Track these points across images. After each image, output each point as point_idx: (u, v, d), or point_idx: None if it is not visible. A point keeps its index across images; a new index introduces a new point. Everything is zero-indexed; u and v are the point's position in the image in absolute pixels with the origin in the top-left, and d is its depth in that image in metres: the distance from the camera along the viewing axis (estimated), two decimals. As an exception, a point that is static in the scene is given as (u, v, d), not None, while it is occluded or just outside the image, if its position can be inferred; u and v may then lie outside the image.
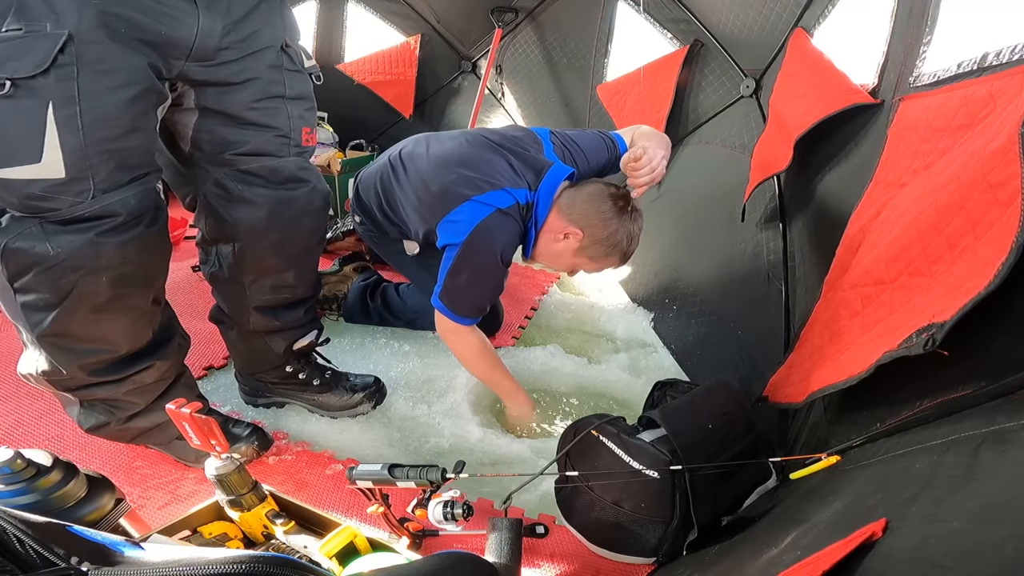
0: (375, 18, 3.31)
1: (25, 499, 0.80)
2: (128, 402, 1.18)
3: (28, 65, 0.85)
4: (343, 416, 1.52)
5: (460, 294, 1.52)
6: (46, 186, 0.92)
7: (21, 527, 0.45)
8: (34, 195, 0.93)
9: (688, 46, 2.17)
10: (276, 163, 1.19)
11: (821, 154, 1.49)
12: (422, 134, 1.75)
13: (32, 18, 0.85)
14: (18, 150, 0.90)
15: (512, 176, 1.52)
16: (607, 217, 1.50)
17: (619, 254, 1.55)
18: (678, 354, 1.92)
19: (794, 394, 1.14)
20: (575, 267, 1.63)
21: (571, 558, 1.16)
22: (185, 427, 0.95)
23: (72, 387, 1.14)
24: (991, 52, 0.99)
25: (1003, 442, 0.59)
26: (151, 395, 1.20)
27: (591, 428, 1.13)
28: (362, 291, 1.97)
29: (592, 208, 1.51)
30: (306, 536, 1.02)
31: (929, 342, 0.75)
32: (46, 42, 0.86)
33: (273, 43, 1.13)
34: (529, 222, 1.55)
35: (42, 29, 0.85)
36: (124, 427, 1.21)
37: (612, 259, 1.57)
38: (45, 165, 0.91)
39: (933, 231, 0.89)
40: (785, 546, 0.74)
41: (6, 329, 1.70)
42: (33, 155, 0.90)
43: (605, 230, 1.50)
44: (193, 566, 0.46)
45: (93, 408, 1.19)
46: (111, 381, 1.14)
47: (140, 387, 1.17)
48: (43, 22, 0.86)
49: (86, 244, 0.98)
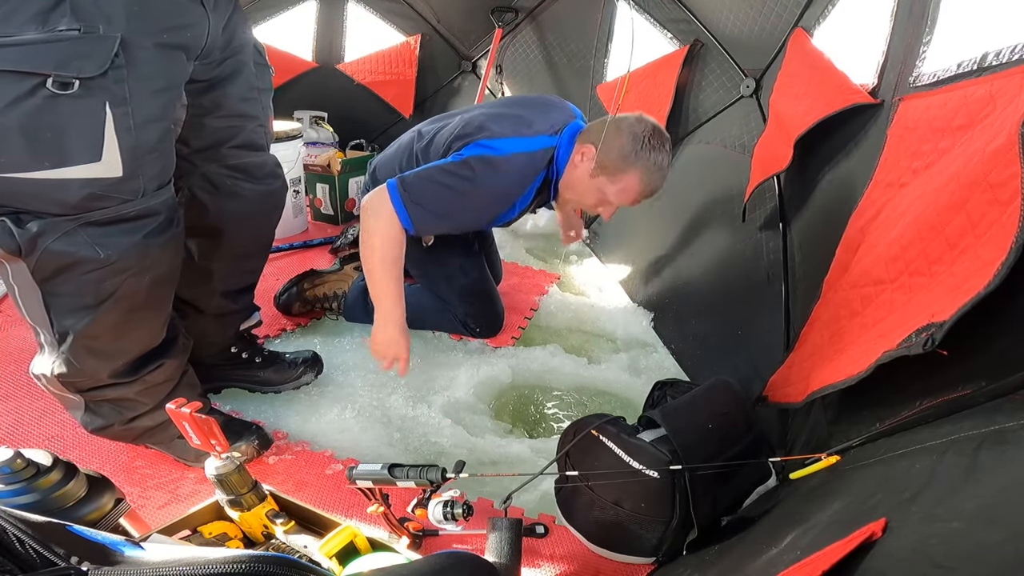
0: (375, 18, 3.31)
1: (25, 499, 0.80)
2: (137, 402, 1.19)
3: (93, 65, 0.86)
4: (287, 389, 1.57)
5: (429, 188, 1.40)
6: (104, 185, 0.93)
7: (21, 527, 0.45)
8: (93, 195, 0.93)
9: (688, 46, 2.17)
10: (261, 158, 1.29)
11: (821, 154, 1.49)
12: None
13: (87, 19, 0.86)
14: (79, 149, 0.90)
15: (543, 121, 1.49)
16: (619, 127, 1.41)
17: (640, 169, 1.42)
18: (678, 354, 1.92)
19: (794, 394, 1.14)
20: (600, 197, 1.50)
21: (571, 558, 1.16)
22: (185, 427, 0.95)
23: (85, 388, 1.14)
24: (991, 52, 0.99)
25: (1003, 442, 0.59)
26: (159, 395, 1.21)
27: (591, 428, 1.13)
28: (364, 289, 1.96)
29: (603, 124, 1.44)
30: (306, 536, 1.02)
31: (928, 342, 0.75)
32: (104, 44, 0.87)
33: (250, 39, 1.21)
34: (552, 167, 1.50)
35: (96, 31, 0.86)
36: (128, 427, 1.22)
37: (633, 176, 1.43)
38: (105, 164, 0.92)
39: (933, 231, 0.89)
40: (785, 546, 0.74)
41: (6, 329, 1.70)
42: (94, 154, 0.90)
43: (617, 140, 1.41)
44: (193, 566, 0.46)
45: (99, 409, 1.19)
46: (126, 382, 1.15)
47: (150, 387, 1.18)
48: (96, 24, 0.86)
49: (135, 246, 1.00)
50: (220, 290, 1.37)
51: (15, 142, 0.86)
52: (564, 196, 1.58)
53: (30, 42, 0.82)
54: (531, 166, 1.46)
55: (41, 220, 0.94)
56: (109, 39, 0.87)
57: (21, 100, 0.84)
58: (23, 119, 0.85)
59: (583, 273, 2.61)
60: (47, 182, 0.90)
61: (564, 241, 2.14)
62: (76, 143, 0.89)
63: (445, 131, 1.58)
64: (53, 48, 0.83)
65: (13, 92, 0.83)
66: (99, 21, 0.86)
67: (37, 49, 0.83)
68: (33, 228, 0.93)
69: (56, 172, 0.89)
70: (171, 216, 1.06)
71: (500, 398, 1.72)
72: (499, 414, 1.66)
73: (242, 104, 1.20)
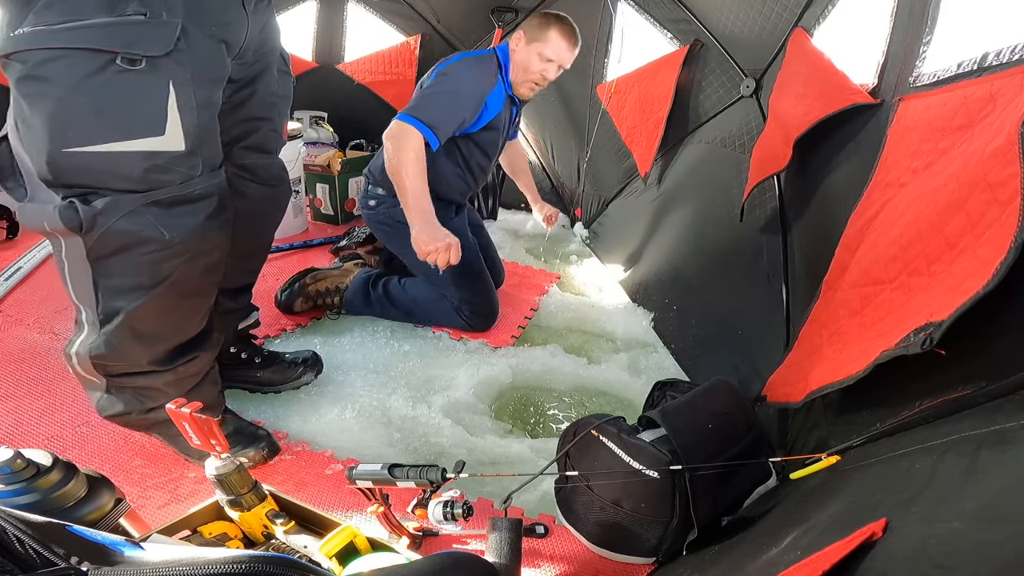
0: (375, 18, 3.31)
1: (25, 499, 0.80)
2: (162, 393, 1.19)
3: (158, 46, 0.92)
4: (287, 389, 1.58)
5: (435, 98, 1.78)
6: (168, 158, 0.97)
7: (21, 527, 0.45)
8: (157, 166, 0.97)
9: (688, 46, 2.17)
10: (268, 160, 1.31)
11: (821, 154, 1.49)
12: None
13: (152, 6, 0.91)
14: (143, 123, 0.94)
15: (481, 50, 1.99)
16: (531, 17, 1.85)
17: (555, 26, 1.83)
18: (678, 354, 1.92)
19: (793, 393, 1.14)
20: (541, 62, 1.86)
21: (571, 558, 1.16)
22: (185, 427, 0.95)
23: (116, 373, 1.15)
24: (991, 52, 0.99)
25: (1003, 442, 0.59)
26: (186, 387, 1.22)
27: (591, 428, 1.13)
28: (365, 280, 2.01)
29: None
30: (306, 536, 1.02)
31: (927, 341, 0.75)
32: (168, 28, 0.93)
33: (278, 46, 1.25)
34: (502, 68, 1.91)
35: (160, 17, 0.92)
36: (143, 417, 1.22)
37: (553, 31, 1.83)
38: (168, 138, 0.96)
39: (932, 231, 0.89)
40: (785, 546, 0.74)
41: (6, 329, 1.70)
42: (157, 128, 0.95)
43: (532, 19, 1.88)
44: (193, 566, 0.46)
45: (121, 395, 1.19)
46: (160, 371, 1.16)
47: (181, 378, 1.19)
48: (160, 11, 0.92)
49: (196, 227, 1.03)
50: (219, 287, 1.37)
51: (86, 115, 0.91)
52: (517, 83, 1.93)
53: (101, 24, 0.88)
54: (481, 61, 1.89)
55: (106, 198, 0.97)
56: (172, 24, 0.93)
57: (92, 76, 0.88)
58: (94, 93, 0.89)
59: (583, 273, 2.61)
60: (114, 155, 0.94)
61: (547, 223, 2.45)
62: (142, 117, 0.94)
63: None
64: (121, 29, 0.89)
65: (85, 68, 0.88)
66: (162, 8, 0.92)
67: (107, 30, 0.88)
68: (98, 205, 0.96)
69: (123, 144, 0.93)
70: (224, 200, 1.09)
71: (500, 398, 1.72)
72: (499, 414, 1.66)
73: (261, 107, 1.23)
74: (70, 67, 0.88)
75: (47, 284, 1.99)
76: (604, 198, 2.86)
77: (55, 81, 0.88)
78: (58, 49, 0.87)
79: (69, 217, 0.95)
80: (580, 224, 3.05)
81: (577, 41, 1.90)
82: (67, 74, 0.88)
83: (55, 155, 0.92)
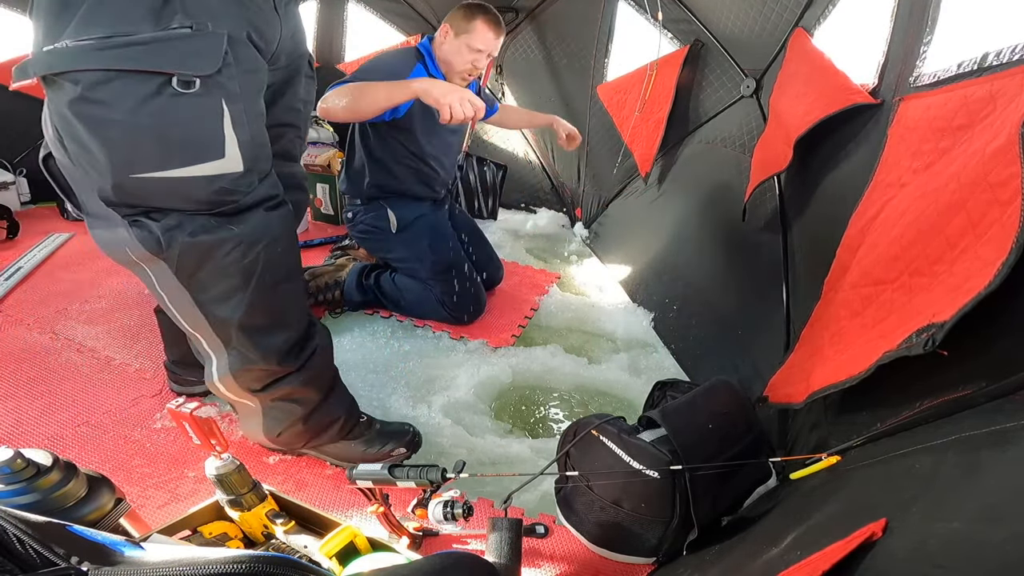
0: (375, 18, 3.31)
1: (25, 499, 0.80)
2: (305, 393, 1.22)
3: (209, 63, 0.89)
4: None
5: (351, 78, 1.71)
6: (230, 180, 0.97)
7: (21, 527, 0.45)
8: (223, 189, 0.97)
9: (688, 46, 2.17)
10: (291, 168, 1.28)
11: (821, 154, 1.49)
12: None
13: (196, 16, 0.87)
14: (205, 148, 0.93)
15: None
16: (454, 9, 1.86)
17: (480, 17, 1.83)
18: (678, 354, 1.92)
19: (794, 394, 1.14)
20: (470, 55, 1.85)
21: (571, 558, 1.16)
22: (185, 427, 0.95)
23: (260, 387, 1.17)
24: (991, 52, 0.99)
25: (1003, 442, 0.59)
26: (324, 384, 1.25)
27: (591, 428, 1.13)
28: (359, 273, 2.07)
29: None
30: (306, 536, 1.02)
31: (929, 342, 0.75)
32: (215, 41, 0.89)
33: (307, 50, 1.22)
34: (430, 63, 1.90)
35: (206, 28, 0.88)
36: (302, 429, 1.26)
37: (476, 20, 1.83)
38: (227, 160, 0.95)
39: (933, 231, 0.89)
40: (785, 546, 0.74)
41: (6, 329, 1.70)
42: (217, 151, 0.94)
43: (456, 11, 1.86)
44: (193, 566, 0.46)
45: (275, 410, 1.23)
46: (293, 371, 1.18)
47: (314, 375, 1.22)
48: (204, 20, 0.88)
49: (260, 218, 1.04)
50: None
51: (149, 142, 0.89)
52: (448, 73, 1.91)
53: (149, 40, 0.84)
54: (401, 53, 1.92)
55: (176, 215, 0.97)
56: (218, 36, 0.90)
57: (149, 99, 0.86)
58: (154, 118, 0.87)
59: (583, 273, 2.61)
60: (179, 180, 0.93)
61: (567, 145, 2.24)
62: (203, 142, 0.93)
63: None
64: (171, 46, 0.86)
65: (141, 91, 0.86)
66: (206, 18, 0.88)
67: (157, 48, 0.85)
68: (171, 223, 0.97)
69: (187, 170, 0.93)
70: (281, 197, 1.09)
71: (500, 398, 1.72)
72: (499, 414, 1.66)
73: (288, 113, 1.21)
74: (125, 90, 0.85)
75: (47, 284, 1.99)
76: (604, 198, 2.86)
77: (112, 105, 0.86)
78: (111, 71, 0.84)
79: (145, 238, 0.96)
80: (580, 224, 3.05)
81: (502, 28, 1.89)
82: (123, 97, 0.85)
83: (121, 180, 0.91)
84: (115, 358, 1.63)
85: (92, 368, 1.58)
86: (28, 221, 2.45)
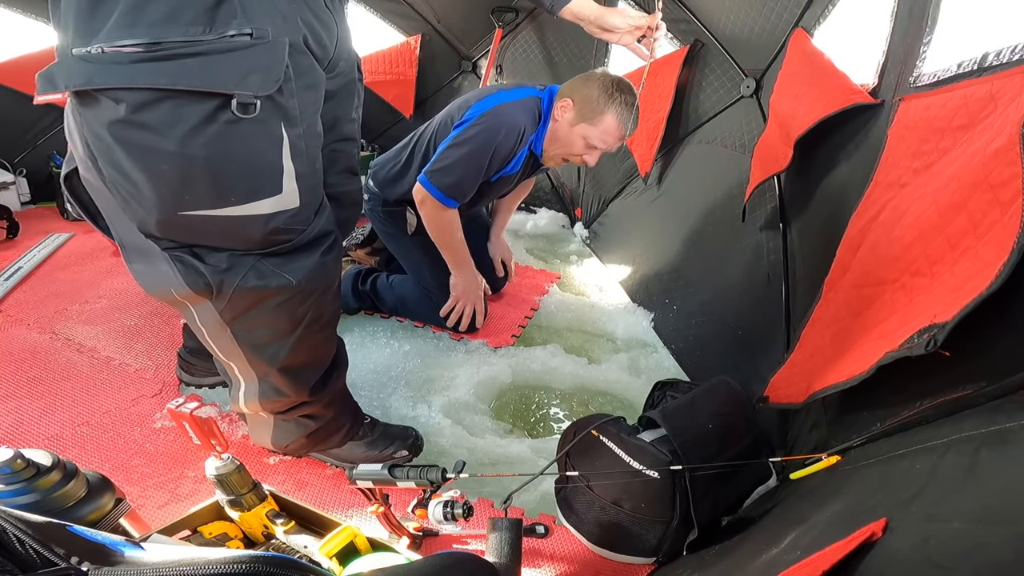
0: (375, 18, 3.31)
1: (25, 499, 0.80)
2: (323, 415, 1.19)
3: (270, 80, 0.75)
4: None
5: (451, 169, 1.64)
6: (286, 218, 0.86)
7: (21, 527, 0.45)
8: (277, 228, 0.85)
9: (688, 46, 2.17)
10: (356, 185, 1.18)
11: (821, 154, 1.49)
12: None
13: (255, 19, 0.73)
14: (262, 184, 0.81)
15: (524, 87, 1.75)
16: (588, 80, 1.65)
17: (614, 111, 1.61)
18: (678, 354, 1.92)
19: (795, 394, 1.14)
20: (585, 143, 1.66)
21: (571, 558, 1.16)
22: (185, 427, 0.95)
23: (283, 410, 1.14)
24: (991, 52, 0.99)
25: (1003, 442, 0.59)
26: (339, 403, 1.23)
27: (591, 428, 1.13)
28: (353, 277, 2.03)
29: (577, 80, 1.70)
30: (306, 536, 1.02)
31: (931, 343, 0.74)
32: (276, 52, 0.75)
33: (356, 53, 1.08)
34: (540, 122, 1.71)
35: (266, 35, 0.74)
36: (308, 439, 1.23)
37: (609, 117, 1.62)
38: (285, 195, 0.84)
39: (934, 231, 0.89)
40: (785, 546, 0.74)
41: (6, 329, 1.70)
42: (276, 187, 0.82)
43: (589, 90, 1.63)
44: (193, 566, 0.46)
45: (286, 425, 1.20)
46: (319, 399, 1.14)
47: (334, 396, 1.19)
48: (264, 25, 0.74)
49: (317, 267, 0.94)
50: None
51: (200, 176, 0.77)
52: (549, 152, 1.75)
53: (204, 52, 0.70)
54: (524, 109, 1.67)
55: (226, 254, 0.86)
56: (279, 45, 0.75)
57: (203, 126, 0.73)
58: (208, 149, 0.75)
59: (583, 273, 2.61)
60: (233, 219, 0.82)
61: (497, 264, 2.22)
62: (261, 177, 0.81)
63: (438, 118, 1.82)
64: (230, 60, 0.72)
65: (194, 116, 0.73)
66: (266, 22, 0.75)
67: (213, 61, 0.71)
68: (222, 264, 0.86)
69: (242, 208, 0.81)
70: (335, 235, 1.00)
71: (500, 398, 1.72)
72: (499, 414, 1.66)
73: (349, 125, 1.08)
74: (176, 114, 0.72)
75: (47, 284, 1.99)
76: (604, 198, 2.86)
77: (161, 132, 0.73)
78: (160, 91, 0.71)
79: (194, 281, 0.86)
80: (580, 224, 3.05)
81: (634, 125, 1.66)
82: (173, 123, 0.73)
83: (168, 216, 0.80)
84: (115, 358, 1.63)
85: (92, 368, 1.58)
86: (28, 221, 2.45)
